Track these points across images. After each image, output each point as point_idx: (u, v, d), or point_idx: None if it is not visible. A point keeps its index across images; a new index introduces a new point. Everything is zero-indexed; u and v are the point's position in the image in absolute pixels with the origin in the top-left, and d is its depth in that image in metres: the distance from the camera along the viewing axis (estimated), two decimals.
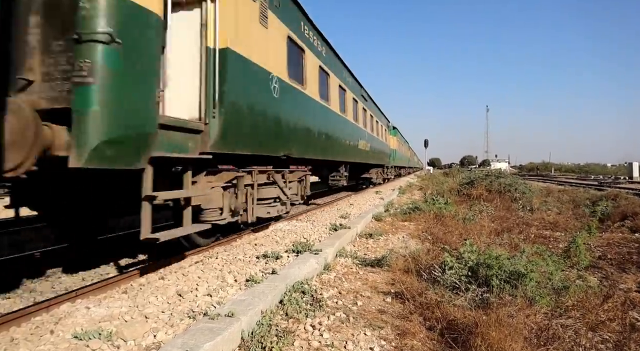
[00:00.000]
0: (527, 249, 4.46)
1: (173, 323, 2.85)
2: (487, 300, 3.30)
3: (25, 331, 2.75)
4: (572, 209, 10.69)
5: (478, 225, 7.37)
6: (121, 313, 3.03)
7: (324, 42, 9.44)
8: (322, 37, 9.28)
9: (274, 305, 3.32)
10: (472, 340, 2.60)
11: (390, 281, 4.24)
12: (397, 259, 4.81)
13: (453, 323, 2.96)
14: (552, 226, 8.16)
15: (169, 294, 3.48)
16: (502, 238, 6.00)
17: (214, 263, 4.55)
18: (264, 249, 5.20)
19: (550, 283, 3.66)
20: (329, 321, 3.15)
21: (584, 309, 3.24)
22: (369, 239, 6.60)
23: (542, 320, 2.97)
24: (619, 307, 3.33)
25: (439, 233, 6.63)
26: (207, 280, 3.88)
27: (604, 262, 5.49)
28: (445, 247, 4.54)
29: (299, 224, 7.61)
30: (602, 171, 59.65)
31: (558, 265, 4.20)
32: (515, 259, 3.80)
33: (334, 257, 5.20)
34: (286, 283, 3.68)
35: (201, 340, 2.39)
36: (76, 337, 2.59)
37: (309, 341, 2.81)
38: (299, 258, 4.60)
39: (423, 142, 41.40)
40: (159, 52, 3.62)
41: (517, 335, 2.61)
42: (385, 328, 3.07)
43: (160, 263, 4.60)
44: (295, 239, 5.93)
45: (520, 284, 3.44)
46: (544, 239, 6.76)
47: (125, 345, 2.55)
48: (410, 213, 9.20)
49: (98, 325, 2.79)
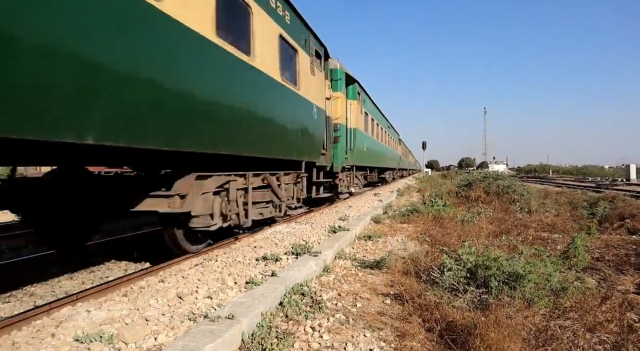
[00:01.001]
0: (525, 251, 4.50)
1: (174, 325, 2.87)
2: (486, 301, 3.32)
3: (26, 335, 2.76)
4: (570, 211, 10.74)
5: (476, 226, 7.40)
6: (122, 316, 3.04)
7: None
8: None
9: (273, 307, 3.33)
10: (471, 341, 2.62)
11: (389, 283, 4.26)
12: (396, 261, 4.83)
13: (452, 324, 2.98)
14: (550, 228, 8.19)
15: (169, 297, 3.49)
16: (501, 240, 6.03)
17: (213, 266, 4.56)
18: (263, 251, 5.21)
19: (549, 284, 3.69)
20: (328, 323, 3.16)
21: (582, 310, 3.27)
22: (367, 241, 6.62)
23: (540, 321, 2.99)
24: (616, 308, 3.35)
25: (438, 235, 6.66)
26: (207, 282, 3.89)
27: (602, 263, 5.52)
28: (444, 249, 4.56)
29: (298, 226, 7.62)
30: (599, 173, 59.90)
31: (556, 266, 4.23)
32: (513, 260, 3.83)
33: (333, 259, 5.22)
34: (286, 285, 3.70)
35: (202, 342, 2.40)
36: (77, 340, 2.60)
37: (309, 343, 2.82)
38: (299, 261, 4.62)
39: (421, 144, 41.50)
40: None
41: (515, 336, 2.64)
42: (385, 329, 3.09)
43: (160, 266, 4.61)
44: (295, 241, 5.94)
45: (519, 285, 3.46)
46: (542, 241, 6.80)
47: (126, 347, 2.56)
48: (409, 215, 9.23)
49: (99, 328, 2.80)
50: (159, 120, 3.61)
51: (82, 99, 2.80)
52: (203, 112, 4.32)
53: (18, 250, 6.39)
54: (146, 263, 5.57)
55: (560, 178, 50.53)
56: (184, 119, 3.97)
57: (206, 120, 4.40)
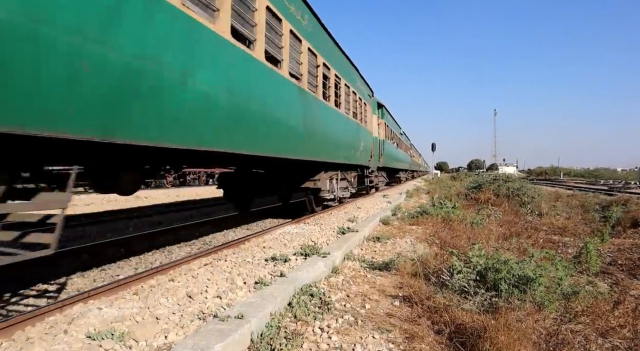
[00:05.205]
0: (535, 254, 4.45)
1: (183, 324, 2.89)
2: (496, 305, 3.29)
3: (40, 331, 2.81)
4: (582, 214, 10.60)
5: (486, 229, 7.35)
6: (132, 314, 3.07)
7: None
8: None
9: (282, 308, 3.35)
10: (481, 344, 2.61)
11: (398, 285, 4.25)
12: (405, 263, 4.81)
13: (461, 327, 2.96)
14: (561, 231, 8.10)
15: (179, 296, 3.52)
16: (511, 243, 5.98)
17: (222, 266, 4.59)
18: (272, 252, 5.23)
19: (560, 288, 3.65)
20: (337, 324, 3.17)
21: (594, 315, 3.23)
22: (376, 243, 6.61)
23: (551, 325, 2.97)
24: (629, 314, 3.31)
25: (447, 237, 6.62)
26: (217, 282, 3.92)
27: (614, 267, 5.45)
28: (454, 251, 4.54)
29: (306, 227, 7.63)
30: (612, 176, 58.90)
31: (567, 270, 4.18)
32: (524, 264, 3.79)
33: (341, 260, 5.22)
34: (295, 286, 3.71)
35: (212, 341, 2.42)
36: (89, 337, 2.63)
37: (318, 344, 2.83)
38: (307, 261, 4.63)
39: (430, 145, 41.29)
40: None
41: (525, 339, 2.62)
42: (394, 331, 3.08)
43: (170, 265, 4.66)
44: (303, 242, 5.95)
45: (529, 289, 3.43)
46: (553, 244, 6.72)
47: (137, 345, 2.59)
48: (418, 217, 9.18)
49: (110, 326, 2.83)
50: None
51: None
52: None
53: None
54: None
55: (571, 180, 49.90)
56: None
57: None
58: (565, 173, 76.40)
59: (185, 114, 3.84)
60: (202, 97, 4.12)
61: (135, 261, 5.76)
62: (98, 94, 2.88)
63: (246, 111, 5.09)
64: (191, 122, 3.97)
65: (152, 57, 3.35)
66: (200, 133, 4.16)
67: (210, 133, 4.35)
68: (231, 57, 4.62)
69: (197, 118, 4.06)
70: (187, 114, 3.88)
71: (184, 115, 3.83)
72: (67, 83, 2.62)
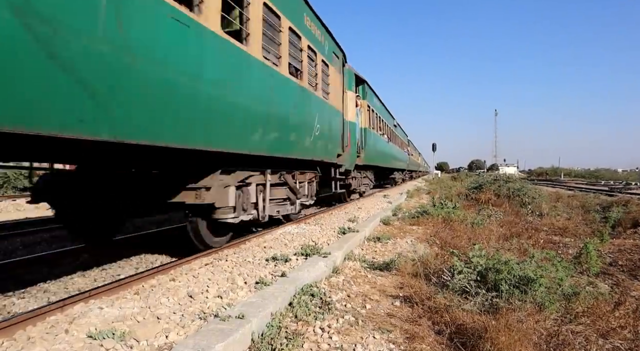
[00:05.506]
0: (536, 254, 4.45)
1: (184, 324, 2.90)
2: (497, 305, 3.29)
3: (41, 330, 2.81)
4: (582, 215, 10.60)
5: (487, 229, 7.34)
6: (133, 314, 3.08)
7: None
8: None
9: (283, 308, 3.35)
10: (482, 345, 2.61)
11: (398, 285, 4.25)
12: (406, 263, 4.81)
13: (462, 327, 2.97)
14: (562, 231, 8.10)
15: (179, 295, 3.52)
16: (511, 243, 5.98)
17: (223, 266, 4.59)
18: (273, 252, 5.23)
19: (560, 289, 3.65)
20: (338, 324, 3.17)
21: (595, 316, 3.23)
22: (377, 243, 6.61)
23: (551, 326, 2.97)
24: (630, 314, 3.30)
25: (448, 238, 6.62)
26: (217, 282, 3.92)
27: (615, 268, 5.44)
28: (454, 251, 4.54)
29: (307, 227, 7.64)
30: (612, 176, 58.83)
31: (568, 271, 4.18)
32: (524, 264, 3.79)
33: (342, 260, 5.22)
34: (295, 286, 3.71)
35: (212, 341, 2.42)
36: (90, 336, 2.64)
37: (318, 344, 2.83)
38: (308, 261, 4.63)
39: (431, 146, 41.29)
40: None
41: (526, 340, 2.62)
42: (394, 331, 3.08)
43: (171, 264, 4.66)
44: (304, 242, 5.96)
45: (530, 289, 3.43)
46: (554, 244, 6.72)
47: (138, 345, 2.59)
48: (419, 217, 9.19)
49: (111, 325, 2.84)
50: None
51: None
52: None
53: (31, 246, 6.50)
54: (166, 258, 5.62)
55: (572, 181, 49.85)
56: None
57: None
58: (566, 173, 76.34)
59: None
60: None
61: (136, 261, 5.76)
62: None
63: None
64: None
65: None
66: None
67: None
68: None
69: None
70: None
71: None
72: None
